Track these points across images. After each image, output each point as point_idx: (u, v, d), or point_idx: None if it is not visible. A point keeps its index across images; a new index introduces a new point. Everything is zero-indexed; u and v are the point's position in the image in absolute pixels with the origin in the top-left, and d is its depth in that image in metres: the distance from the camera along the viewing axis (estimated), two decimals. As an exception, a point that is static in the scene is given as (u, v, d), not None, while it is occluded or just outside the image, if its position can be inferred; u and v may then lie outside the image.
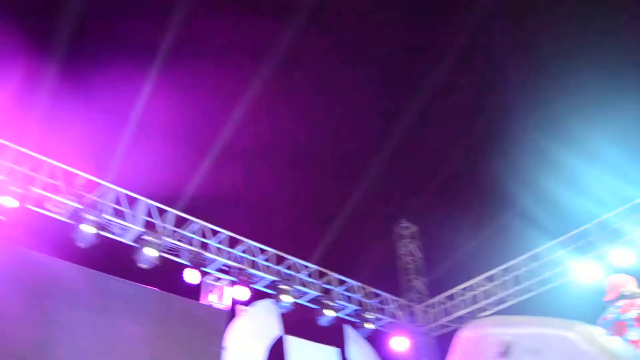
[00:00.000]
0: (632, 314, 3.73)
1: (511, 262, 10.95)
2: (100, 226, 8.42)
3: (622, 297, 4.32)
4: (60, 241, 8.15)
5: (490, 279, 11.29)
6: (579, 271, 9.93)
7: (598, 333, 1.64)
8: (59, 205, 8.29)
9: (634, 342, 3.91)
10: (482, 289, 11.38)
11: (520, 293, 10.91)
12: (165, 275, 9.28)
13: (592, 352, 1.56)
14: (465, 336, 1.84)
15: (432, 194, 10.70)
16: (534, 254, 10.67)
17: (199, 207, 9.61)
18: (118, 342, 7.91)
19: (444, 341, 11.53)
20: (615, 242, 9.59)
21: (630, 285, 4.33)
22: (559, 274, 10.39)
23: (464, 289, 11.69)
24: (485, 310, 11.14)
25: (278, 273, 10.24)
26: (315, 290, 10.65)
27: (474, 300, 11.42)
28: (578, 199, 9.69)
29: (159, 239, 8.82)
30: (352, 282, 11.35)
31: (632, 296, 4.18)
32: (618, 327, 4.07)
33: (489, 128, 9.95)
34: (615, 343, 1.64)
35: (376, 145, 10.13)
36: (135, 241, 8.86)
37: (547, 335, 1.68)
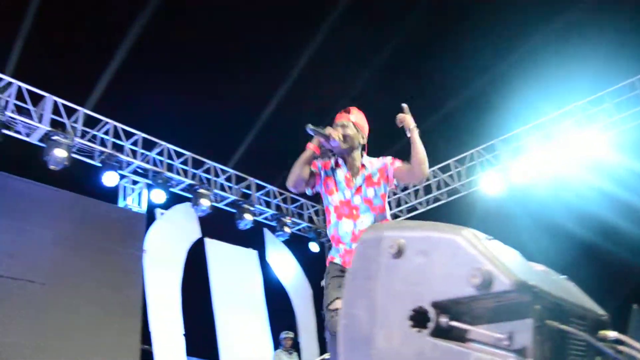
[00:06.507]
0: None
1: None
2: (3, 124, 7.90)
3: None
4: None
5: (402, 187, 11.79)
6: (485, 183, 10.57)
7: (482, 237, 1.76)
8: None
9: None
10: (395, 197, 11.91)
11: (430, 201, 11.53)
12: (79, 178, 8.97)
13: (474, 253, 1.68)
14: (364, 239, 1.93)
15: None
16: (444, 165, 11.19)
17: (112, 106, 9.16)
18: (25, 244, 7.66)
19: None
20: (517, 157, 10.23)
21: None
22: (467, 185, 11.02)
23: (378, 196, 12.14)
24: (398, 216, 11.70)
25: (195, 177, 10.17)
26: (233, 194, 10.71)
27: (389, 207, 11.95)
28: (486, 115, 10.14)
29: (69, 139, 8.41)
30: (270, 187, 11.49)
31: None
32: None
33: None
34: (496, 246, 1.78)
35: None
36: (43, 141, 8.40)
37: (436, 238, 1.78)
